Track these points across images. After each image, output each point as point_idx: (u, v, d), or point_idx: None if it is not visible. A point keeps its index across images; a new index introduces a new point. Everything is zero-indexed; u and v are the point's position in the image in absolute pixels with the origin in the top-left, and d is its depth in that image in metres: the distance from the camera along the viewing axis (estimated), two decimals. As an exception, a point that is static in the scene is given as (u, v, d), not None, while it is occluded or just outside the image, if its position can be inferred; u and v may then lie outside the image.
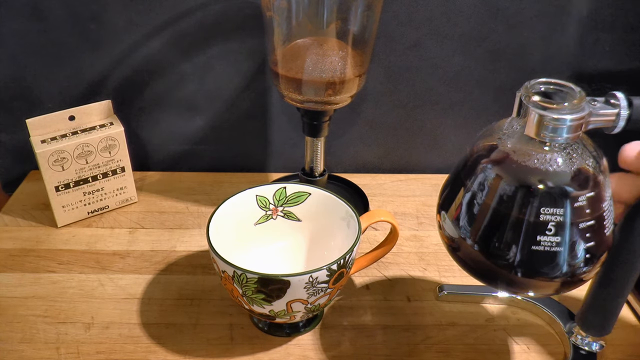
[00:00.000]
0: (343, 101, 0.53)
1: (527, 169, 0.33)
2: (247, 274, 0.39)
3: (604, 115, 0.33)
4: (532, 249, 0.33)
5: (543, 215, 0.32)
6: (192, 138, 0.70)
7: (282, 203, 0.51)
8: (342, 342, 0.46)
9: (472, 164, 0.35)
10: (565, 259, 0.33)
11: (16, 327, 0.47)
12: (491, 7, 0.61)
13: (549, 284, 0.34)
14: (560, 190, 0.32)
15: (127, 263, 0.55)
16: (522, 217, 0.32)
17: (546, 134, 0.32)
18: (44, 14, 0.61)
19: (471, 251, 0.35)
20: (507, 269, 0.34)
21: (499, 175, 0.34)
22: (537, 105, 0.32)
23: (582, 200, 0.32)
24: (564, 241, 0.32)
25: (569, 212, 0.32)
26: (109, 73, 0.65)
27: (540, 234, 0.32)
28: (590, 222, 0.32)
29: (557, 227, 0.32)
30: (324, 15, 0.49)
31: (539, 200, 0.32)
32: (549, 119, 0.31)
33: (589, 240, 0.33)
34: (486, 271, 0.35)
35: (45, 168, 0.56)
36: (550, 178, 0.32)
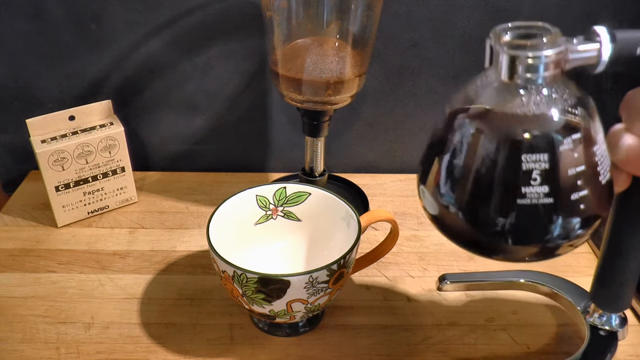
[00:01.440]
0: (343, 101, 0.53)
1: (504, 117, 0.30)
2: (247, 274, 0.39)
3: (584, 52, 0.29)
4: (518, 203, 0.29)
5: (525, 163, 0.29)
6: (192, 138, 0.70)
7: (282, 203, 0.51)
8: (342, 342, 0.46)
9: (447, 124, 0.32)
10: (558, 211, 0.29)
11: (16, 327, 0.47)
12: (491, 7, 0.61)
13: (545, 242, 0.31)
14: (542, 133, 0.29)
15: (127, 263, 0.55)
16: (503, 170, 0.29)
17: (521, 75, 0.29)
18: (44, 14, 0.61)
19: (455, 219, 0.32)
20: (495, 230, 0.30)
21: (475, 129, 0.31)
22: (508, 45, 0.29)
23: (568, 143, 0.29)
24: (553, 191, 0.29)
25: (554, 157, 0.29)
26: (109, 73, 0.65)
27: (525, 185, 0.29)
28: (581, 167, 0.29)
29: (543, 176, 0.29)
30: (324, 15, 0.49)
31: (519, 148, 0.29)
32: (521, 58, 0.28)
33: (582, 189, 0.29)
34: (475, 239, 0.32)
35: (45, 168, 0.56)
36: (530, 122, 0.29)
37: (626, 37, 0.28)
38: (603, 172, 0.30)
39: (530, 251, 0.32)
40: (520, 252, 0.32)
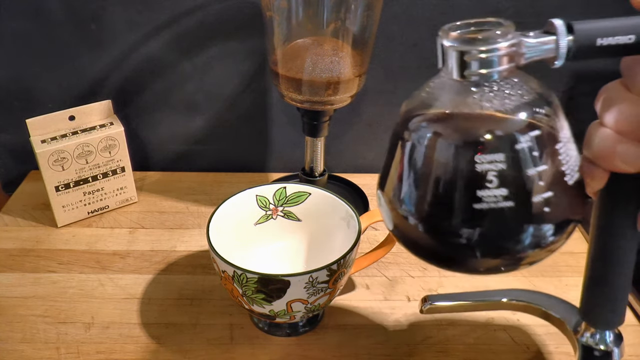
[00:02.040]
0: (343, 101, 0.53)
1: (457, 117, 0.28)
2: (247, 274, 0.39)
3: (540, 45, 0.27)
4: (475, 208, 0.26)
5: (480, 164, 0.26)
6: (192, 138, 0.70)
7: (282, 203, 0.51)
8: (342, 342, 0.46)
9: (400, 127, 0.30)
10: (520, 214, 0.27)
11: (16, 327, 0.47)
12: (491, 7, 0.61)
13: (510, 249, 0.28)
14: (497, 132, 0.27)
15: (127, 263, 0.55)
16: (457, 173, 0.27)
17: (471, 71, 0.27)
18: (44, 14, 0.61)
19: (411, 228, 0.30)
20: (455, 239, 0.28)
21: (425, 131, 0.28)
22: (456, 40, 0.27)
23: (526, 141, 0.26)
24: (513, 193, 0.26)
25: (510, 156, 0.26)
26: (109, 73, 0.65)
27: (480, 188, 0.26)
28: (542, 167, 0.27)
29: (500, 177, 0.26)
30: (324, 15, 0.49)
31: (472, 148, 0.26)
32: (471, 53, 0.27)
33: (546, 190, 0.27)
34: (434, 249, 0.30)
35: (45, 168, 0.56)
36: (484, 121, 0.27)
37: (585, 28, 0.27)
38: (570, 171, 0.28)
39: (496, 262, 0.28)
40: (485, 262, 0.29)
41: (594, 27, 0.27)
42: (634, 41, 0.26)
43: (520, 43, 0.27)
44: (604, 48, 0.26)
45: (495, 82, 0.27)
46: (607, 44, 0.26)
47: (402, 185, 0.29)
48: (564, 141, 0.28)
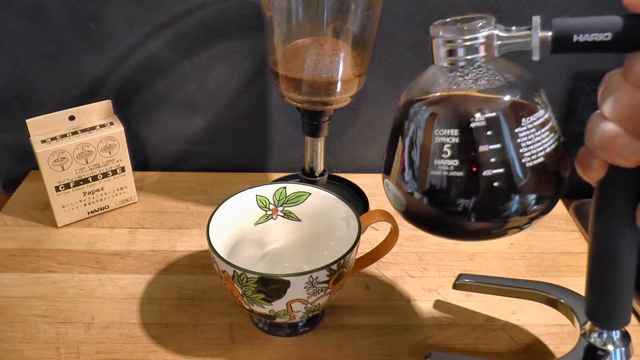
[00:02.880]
0: (343, 101, 0.53)
1: (434, 99, 0.32)
2: (247, 274, 0.39)
3: (517, 37, 0.30)
4: (431, 174, 0.31)
5: (437, 137, 0.31)
6: (192, 138, 0.70)
7: (282, 203, 0.51)
8: (342, 342, 0.46)
9: (396, 114, 0.35)
10: (467, 185, 0.30)
11: (16, 327, 0.47)
12: (491, 7, 0.61)
13: (470, 218, 0.31)
14: (453, 110, 0.31)
15: (127, 263, 0.55)
16: (424, 146, 0.32)
17: (447, 57, 0.31)
18: (44, 14, 0.61)
19: (412, 201, 0.34)
20: (418, 198, 0.33)
21: (407, 113, 0.33)
22: (440, 30, 0.31)
23: (480, 120, 0.30)
24: (463, 165, 0.30)
25: (464, 133, 0.30)
26: (109, 73, 0.65)
27: (437, 158, 0.31)
28: (495, 145, 0.30)
29: (453, 150, 0.30)
30: (324, 15, 0.49)
31: (435, 124, 0.31)
32: (443, 41, 0.31)
33: (496, 166, 0.30)
34: (440, 218, 0.33)
35: (45, 168, 0.56)
36: (447, 100, 0.32)
37: (563, 24, 0.28)
38: (530, 154, 0.30)
39: (481, 225, 0.32)
40: (468, 226, 0.32)
41: (570, 24, 0.28)
42: (611, 38, 0.27)
43: (495, 35, 0.30)
44: (581, 44, 0.27)
45: (474, 69, 0.31)
46: (583, 40, 0.27)
47: (400, 167, 0.34)
48: (528, 125, 0.30)
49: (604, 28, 0.27)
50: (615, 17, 0.27)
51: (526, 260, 0.56)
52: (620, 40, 0.27)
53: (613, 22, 0.27)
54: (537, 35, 0.29)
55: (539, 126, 0.31)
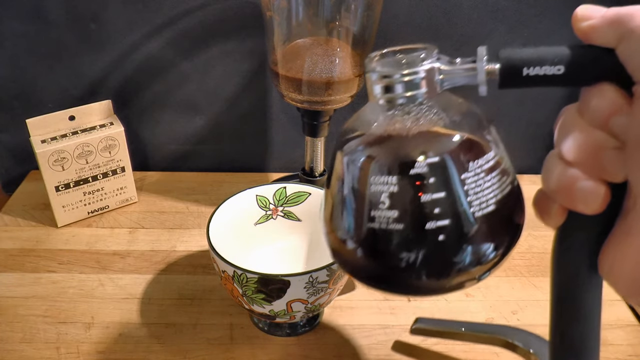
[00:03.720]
0: (343, 101, 0.53)
1: (370, 140, 0.29)
2: (247, 274, 0.39)
3: (461, 71, 0.27)
4: (368, 226, 0.27)
5: (374, 185, 0.27)
6: (192, 138, 0.70)
7: (282, 203, 0.51)
8: (342, 342, 0.46)
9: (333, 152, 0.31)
10: (410, 239, 0.27)
11: (16, 327, 0.47)
12: (491, 7, 0.61)
13: (410, 273, 0.27)
14: (392, 154, 0.27)
15: (127, 263, 0.55)
16: (359, 193, 0.28)
17: (383, 94, 0.27)
18: (44, 14, 0.61)
19: (350, 252, 0.29)
20: (349, 248, 0.29)
21: (341, 154, 0.29)
22: (377, 65, 0.28)
23: (422, 166, 0.26)
24: (403, 216, 0.26)
25: (404, 180, 0.26)
26: (109, 73, 0.65)
27: (373, 208, 0.27)
28: (439, 194, 0.26)
29: (392, 200, 0.26)
30: (324, 15, 0.49)
31: (371, 170, 0.27)
32: (379, 76, 0.27)
33: (440, 218, 0.26)
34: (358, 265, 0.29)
35: (45, 168, 0.56)
36: (385, 143, 0.28)
37: (512, 56, 0.25)
38: (479, 202, 0.26)
39: (422, 283, 0.28)
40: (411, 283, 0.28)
41: (520, 56, 0.25)
42: (563, 72, 0.24)
43: (437, 68, 0.27)
44: (532, 78, 0.25)
45: (414, 106, 0.27)
46: (534, 74, 0.25)
47: (331, 208, 0.30)
48: (476, 170, 0.27)
49: (555, 61, 0.24)
50: (568, 49, 0.24)
51: (526, 260, 0.56)
52: (574, 73, 0.24)
53: (565, 54, 0.24)
54: (483, 69, 0.26)
55: (488, 170, 0.27)
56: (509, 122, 0.69)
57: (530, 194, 0.27)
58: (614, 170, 0.23)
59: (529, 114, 0.69)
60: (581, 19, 0.24)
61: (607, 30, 0.23)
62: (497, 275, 0.29)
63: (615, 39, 0.23)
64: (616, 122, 0.23)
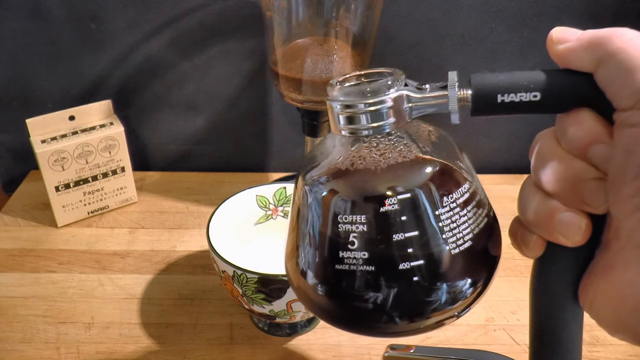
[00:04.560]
0: (343, 101, 0.53)
1: (335, 175, 0.27)
2: (247, 274, 0.39)
3: (430, 98, 0.26)
4: (336, 267, 0.25)
5: (342, 224, 0.25)
6: (192, 138, 0.70)
7: (282, 203, 0.51)
8: (342, 342, 0.46)
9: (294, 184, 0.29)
10: (381, 281, 0.25)
11: (16, 327, 0.47)
12: (491, 7, 0.61)
13: (377, 319, 0.26)
14: (358, 191, 0.26)
15: (127, 263, 0.55)
16: (325, 230, 0.26)
17: (347, 125, 0.25)
18: (44, 14, 0.61)
19: (310, 291, 0.27)
20: (313, 287, 0.27)
21: (302, 188, 0.27)
22: (336, 94, 0.26)
23: (392, 204, 0.24)
24: (374, 258, 0.24)
25: (372, 219, 0.24)
26: (109, 73, 0.65)
27: (342, 249, 0.25)
28: (412, 233, 0.24)
29: (361, 240, 0.25)
30: (323, 15, 0.49)
31: (337, 207, 0.25)
32: (341, 106, 0.25)
33: (415, 258, 0.24)
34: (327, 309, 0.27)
35: (45, 168, 0.56)
36: (352, 178, 0.26)
37: (485, 82, 0.24)
38: (455, 239, 0.25)
39: (392, 327, 0.26)
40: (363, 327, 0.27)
41: (493, 82, 0.23)
42: (540, 99, 0.22)
43: (405, 96, 0.25)
44: (507, 105, 0.23)
45: (382, 137, 0.26)
46: (509, 100, 0.23)
47: (292, 244, 0.28)
48: (450, 205, 0.25)
49: (531, 87, 0.23)
50: (544, 73, 0.23)
51: (526, 260, 0.56)
52: (551, 99, 0.23)
53: (541, 79, 0.23)
54: (455, 96, 0.24)
55: (464, 203, 0.25)
56: (508, 122, 0.69)
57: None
58: (595, 202, 0.22)
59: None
60: (556, 42, 0.22)
61: (584, 54, 0.21)
62: (497, 275, 0.29)
63: (593, 63, 0.21)
64: (596, 151, 0.21)
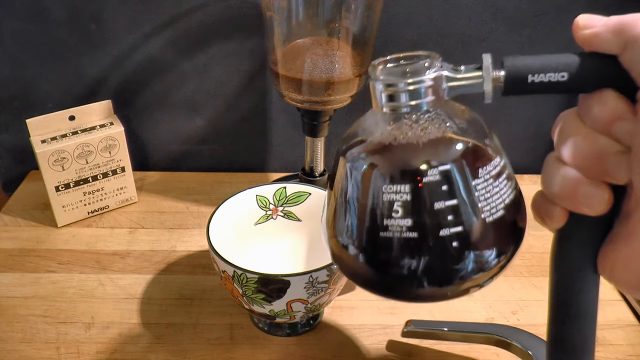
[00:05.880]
0: (343, 101, 0.53)
1: (376, 148, 0.29)
2: (247, 274, 0.39)
3: (466, 79, 0.27)
4: (381, 235, 0.27)
5: (386, 194, 0.27)
6: (192, 138, 0.70)
7: (282, 203, 0.51)
8: (342, 342, 0.46)
9: (334, 160, 0.31)
10: (425, 247, 0.27)
11: (16, 327, 0.47)
12: (491, 7, 0.61)
13: (434, 279, 0.28)
14: (402, 164, 0.28)
15: (127, 263, 0.55)
16: (369, 202, 0.28)
17: (389, 103, 0.27)
18: (44, 14, 0.61)
19: (352, 260, 0.30)
20: (355, 255, 0.29)
21: (348, 161, 0.29)
22: (378, 74, 0.28)
23: (433, 174, 0.27)
24: (417, 225, 0.27)
25: (416, 189, 0.27)
26: (109, 73, 0.65)
27: (387, 217, 0.27)
28: (452, 201, 0.27)
29: (405, 208, 0.27)
30: (324, 15, 0.49)
31: (381, 179, 0.27)
32: (384, 85, 0.27)
33: (454, 225, 0.27)
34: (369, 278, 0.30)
35: (45, 168, 0.56)
36: (393, 152, 0.28)
37: (517, 63, 0.26)
38: (489, 208, 0.27)
39: (427, 290, 0.28)
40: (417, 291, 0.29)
41: (524, 63, 0.26)
42: (567, 79, 0.25)
43: (444, 76, 0.27)
44: (536, 85, 0.25)
45: (421, 114, 0.28)
46: (539, 80, 0.25)
47: (338, 220, 0.30)
48: (485, 176, 0.27)
49: (559, 68, 0.25)
50: (571, 56, 0.25)
51: (526, 260, 0.56)
52: (577, 80, 0.25)
53: (569, 62, 0.25)
54: (489, 76, 0.26)
55: (496, 176, 0.28)
56: (509, 122, 0.69)
57: (531, 194, 0.27)
58: (619, 174, 0.23)
59: (529, 112, 0.69)
60: (583, 27, 0.25)
61: (611, 37, 0.23)
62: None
63: (618, 47, 0.23)
64: (619, 127, 0.23)
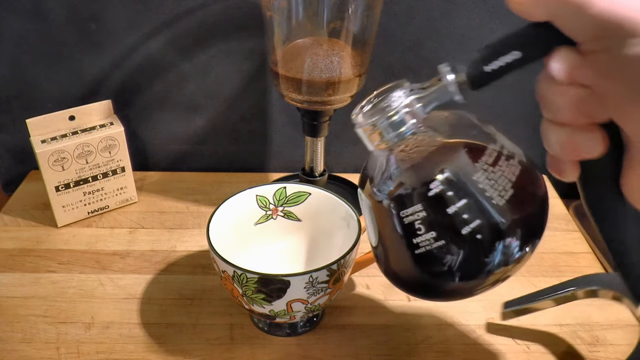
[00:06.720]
0: (343, 101, 0.53)
1: (382, 182, 0.32)
2: (247, 274, 0.39)
3: (434, 92, 0.30)
4: (416, 252, 0.30)
5: (406, 218, 0.30)
6: (192, 138, 0.70)
7: (282, 203, 0.51)
8: (342, 342, 0.46)
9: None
10: (455, 249, 0.30)
11: (16, 327, 0.47)
12: (491, 7, 0.61)
13: (470, 278, 0.31)
14: (406, 188, 0.31)
15: (127, 263, 0.55)
16: (393, 230, 0.31)
17: (380, 141, 0.31)
18: (44, 14, 0.61)
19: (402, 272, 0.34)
20: (420, 282, 0.33)
21: (366, 202, 0.34)
22: (360, 120, 0.31)
23: (437, 186, 0.29)
24: (441, 233, 0.30)
25: (426, 204, 0.30)
26: (109, 73, 0.65)
27: (414, 237, 0.30)
28: (461, 202, 0.29)
29: (425, 223, 0.30)
30: (324, 15, 0.49)
31: (395, 207, 0.31)
32: (369, 127, 0.31)
33: (473, 220, 0.29)
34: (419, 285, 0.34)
35: (45, 168, 0.56)
36: (397, 180, 0.31)
37: (470, 61, 0.28)
38: (498, 192, 0.29)
39: (462, 289, 0.32)
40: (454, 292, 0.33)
41: (476, 58, 0.27)
42: (521, 56, 0.26)
43: (415, 99, 0.30)
44: (497, 71, 0.27)
45: (409, 138, 0.31)
46: (497, 67, 0.27)
47: (380, 255, 0.36)
48: (484, 167, 0.30)
49: (508, 48, 0.27)
50: (513, 35, 0.27)
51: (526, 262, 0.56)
52: (530, 52, 0.26)
53: (513, 39, 0.27)
54: (452, 83, 0.28)
55: (493, 162, 0.30)
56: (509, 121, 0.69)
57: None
58: (598, 113, 0.26)
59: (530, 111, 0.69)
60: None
61: (538, 7, 0.25)
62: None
63: (546, 15, 0.25)
64: (580, 75, 0.26)
